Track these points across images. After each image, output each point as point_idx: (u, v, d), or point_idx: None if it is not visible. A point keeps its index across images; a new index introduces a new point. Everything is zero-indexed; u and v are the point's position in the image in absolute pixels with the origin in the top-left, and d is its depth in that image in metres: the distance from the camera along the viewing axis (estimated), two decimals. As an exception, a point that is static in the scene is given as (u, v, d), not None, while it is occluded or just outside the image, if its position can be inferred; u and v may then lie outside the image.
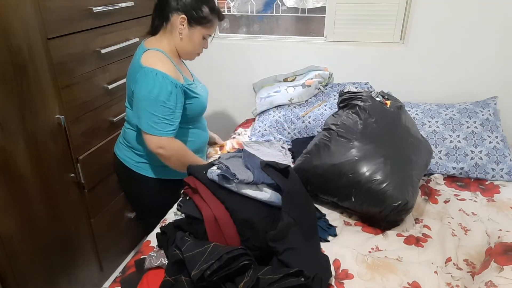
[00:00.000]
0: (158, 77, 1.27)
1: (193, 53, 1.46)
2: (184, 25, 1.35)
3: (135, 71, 1.33)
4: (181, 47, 1.41)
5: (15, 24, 1.28)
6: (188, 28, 1.36)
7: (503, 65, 1.92)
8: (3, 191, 1.33)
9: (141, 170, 1.49)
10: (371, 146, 1.38)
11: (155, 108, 1.28)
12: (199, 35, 1.39)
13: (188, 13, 1.34)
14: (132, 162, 1.49)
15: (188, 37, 1.38)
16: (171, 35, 1.38)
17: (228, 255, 0.94)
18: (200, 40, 1.41)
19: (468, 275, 1.12)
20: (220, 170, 1.12)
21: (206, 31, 1.40)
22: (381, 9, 2.02)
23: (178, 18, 1.34)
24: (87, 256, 1.82)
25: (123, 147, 1.52)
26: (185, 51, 1.43)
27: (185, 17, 1.34)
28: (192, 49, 1.43)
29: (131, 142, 1.48)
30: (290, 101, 2.04)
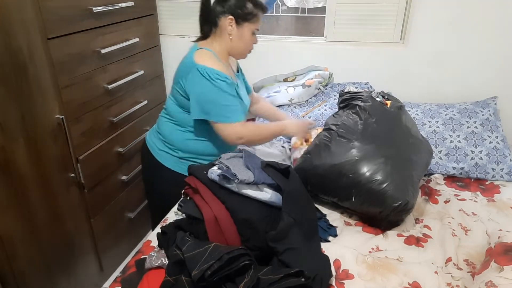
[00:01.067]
0: (214, 72, 1.32)
1: (246, 51, 1.49)
2: (232, 25, 1.39)
3: (188, 69, 1.37)
4: (233, 47, 1.45)
5: (15, 24, 1.28)
6: (237, 28, 1.40)
7: (503, 65, 1.92)
8: (3, 191, 1.33)
9: (160, 158, 1.51)
10: (371, 146, 1.38)
11: (223, 98, 1.34)
12: (248, 32, 1.42)
13: (234, 13, 1.37)
14: (156, 149, 1.53)
15: (238, 36, 1.42)
16: (221, 38, 1.42)
17: (228, 255, 0.94)
18: (250, 36, 1.44)
19: (468, 275, 1.12)
20: (220, 170, 1.12)
21: (254, 25, 1.43)
22: (381, 9, 2.02)
23: (225, 20, 1.38)
24: (87, 256, 1.82)
25: (154, 133, 1.56)
26: (238, 51, 1.47)
27: (232, 17, 1.37)
28: (244, 47, 1.46)
29: (162, 131, 1.52)
30: (290, 101, 2.04)
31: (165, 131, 1.51)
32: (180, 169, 1.50)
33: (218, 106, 1.35)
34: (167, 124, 1.51)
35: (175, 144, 1.49)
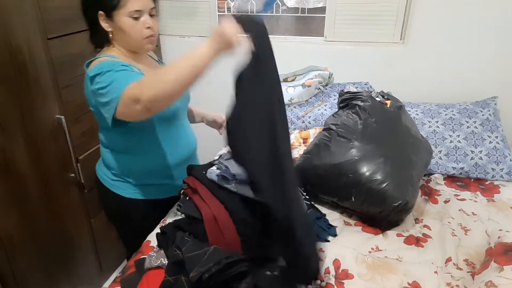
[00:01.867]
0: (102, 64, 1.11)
1: (139, 40, 1.19)
2: (106, 21, 1.17)
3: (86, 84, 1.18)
4: (122, 43, 1.21)
5: (15, 24, 1.29)
6: (111, 21, 1.17)
7: (503, 65, 1.92)
8: (3, 191, 1.33)
9: (116, 189, 1.34)
10: (371, 146, 1.38)
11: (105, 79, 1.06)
12: (123, 19, 1.15)
13: (100, 5, 1.15)
14: (108, 180, 1.35)
15: (117, 29, 1.18)
16: (108, 39, 1.22)
17: (227, 260, 0.94)
18: (129, 23, 1.16)
19: (468, 275, 1.12)
20: (219, 170, 1.12)
21: (126, 9, 1.14)
22: (381, 9, 2.02)
23: (99, 18, 1.17)
24: (87, 256, 1.82)
25: (102, 165, 1.38)
26: (131, 45, 1.21)
27: (102, 12, 1.15)
28: (130, 37, 1.18)
29: (106, 161, 1.34)
30: (290, 101, 2.04)
31: (106, 159, 1.34)
32: (137, 195, 1.34)
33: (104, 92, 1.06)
34: (105, 152, 1.34)
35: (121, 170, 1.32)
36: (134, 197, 1.34)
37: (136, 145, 1.28)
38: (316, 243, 1.09)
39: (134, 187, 1.33)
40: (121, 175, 1.32)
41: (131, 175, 1.32)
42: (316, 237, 1.11)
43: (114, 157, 1.31)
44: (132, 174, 1.32)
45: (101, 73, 1.09)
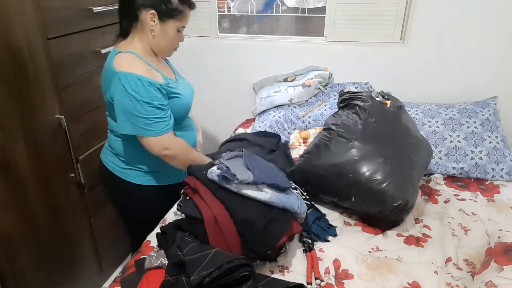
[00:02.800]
0: (134, 79, 1.20)
1: (170, 49, 1.37)
2: (155, 21, 1.26)
3: (109, 77, 1.26)
4: (155, 45, 1.32)
5: (15, 24, 1.28)
6: (160, 24, 1.27)
7: (503, 65, 1.92)
8: (3, 191, 1.33)
9: (126, 177, 1.41)
10: (371, 146, 1.38)
11: (143, 110, 1.22)
12: (172, 29, 1.30)
13: (157, 7, 1.24)
14: (118, 168, 1.41)
15: (161, 33, 1.29)
16: (143, 34, 1.30)
17: (228, 264, 0.94)
18: (174, 34, 1.32)
19: (468, 275, 1.12)
20: (220, 171, 1.12)
21: (179, 23, 1.30)
22: (381, 9, 2.02)
23: (147, 14, 1.25)
24: (87, 256, 1.82)
25: (109, 153, 1.44)
26: (161, 48, 1.35)
27: (155, 12, 1.25)
28: (167, 45, 1.34)
29: (116, 150, 1.40)
30: (290, 101, 2.04)
31: (119, 149, 1.39)
32: (149, 182, 1.42)
33: (138, 119, 1.22)
34: (117, 142, 1.39)
35: (135, 159, 1.39)
36: (146, 184, 1.41)
37: None
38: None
39: (145, 174, 1.41)
40: (132, 163, 1.39)
41: (142, 162, 1.38)
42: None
43: (126, 145, 1.37)
44: (143, 161, 1.38)
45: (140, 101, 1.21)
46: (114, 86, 1.23)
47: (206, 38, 2.36)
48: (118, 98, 1.22)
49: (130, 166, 1.40)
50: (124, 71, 1.21)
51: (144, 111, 1.22)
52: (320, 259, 1.18)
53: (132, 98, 1.20)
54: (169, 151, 1.29)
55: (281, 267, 1.16)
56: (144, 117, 1.22)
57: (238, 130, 2.18)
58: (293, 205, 1.15)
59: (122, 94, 1.21)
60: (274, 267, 1.16)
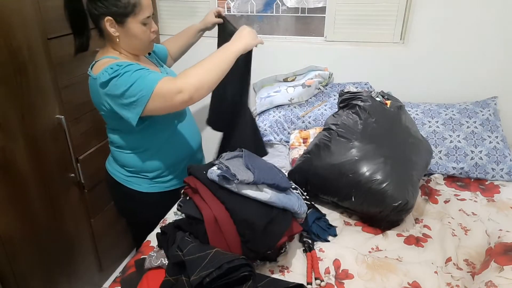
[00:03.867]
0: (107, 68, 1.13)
1: (144, 44, 1.27)
2: (114, 26, 1.19)
3: (95, 89, 1.21)
4: (127, 47, 1.25)
5: (15, 24, 1.29)
6: (120, 27, 1.20)
7: (503, 65, 1.92)
8: (3, 191, 1.33)
9: (132, 185, 1.40)
10: (371, 146, 1.38)
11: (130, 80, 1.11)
12: (135, 26, 1.21)
13: (109, 12, 1.16)
14: (122, 177, 1.40)
15: (126, 34, 1.21)
16: (112, 42, 1.24)
17: (228, 264, 0.94)
18: (140, 29, 1.22)
19: (468, 275, 1.12)
20: (220, 171, 1.12)
21: (140, 16, 1.20)
22: (381, 9, 2.02)
23: (104, 23, 1.18)
24: (87, 256, 1.82)
25: (114, 163, 1.43)
26: (134, 48, 1.26)
27: (110, 18, 1.17)
28: (139, 43, 1.25)
29: (120, 161, 1.39)
30: (290, 101, 2.04)
31: (122, 160, 1.38)
32: (155, 189, 1.42)
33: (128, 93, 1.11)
34: (119, 153, 1.38)
35: (139, 168, 1.37)
36: (151, 191, 1.41)
37: (152, 142, 1.34)
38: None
39: (150, 181, 1.40)
40: (137, 171, 1.38)
41: (147, 171, 1.38)
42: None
43: (130, 156, 1.36)
44: (148, 170, 1.38)
45: (118, 75, 1.12)
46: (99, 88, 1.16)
47: (206, 38, 2.35)
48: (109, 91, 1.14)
49: (134, 174, 1.39)
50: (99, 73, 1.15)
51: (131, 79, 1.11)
52: (320, 259, 1.19)
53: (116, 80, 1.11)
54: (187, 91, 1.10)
55: (281, 267, 1.16)
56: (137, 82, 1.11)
57: (238, 130, 2.18)
58: (293, 205, 1.15)
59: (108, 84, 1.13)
60: (274, 267, 1.16)
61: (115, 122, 1.29)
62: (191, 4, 2.24)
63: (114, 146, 1.39)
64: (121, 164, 1.40)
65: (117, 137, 1.34)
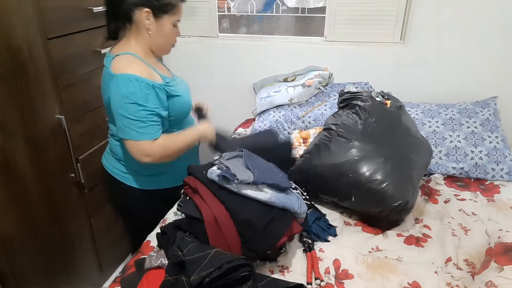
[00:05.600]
0: (131, 80, 1.17)
1: (168, 45, 1.34)
2: (150, 19, 1.23)
3: (107, 81, 1.23)
4: (153, 43, 1.29)
5: (15, 24, 1.28)
6: (155, 21, 1.24)
7: (503, 65, 1.92)
8: (3, 191, 1.33)
9: (128, 181, 1.40)
10: (371, 146, 1.38)
11: (136, 113, 1.18)
12: (168, 25, 1.27)
13: (150, 4, 1.21)
14: (120, 173, 1.40)
15: (158, 30, 1.26)
16: (139, 34, 1.26)
17: (229, 264, 0.93)
18: (171, 29, 1.29)
19: (468, 275, 1.12)
20: (220, 171, 1.12)
21: (174, 17, 1.27)
22: (381, 9, 2.02)
23: (141, 13, 1.21)
24: (87, 256, 1.82)
25: (110, 158, 1.43)
26: (159, 46, 1.32)
27: (149, 10, 1.21)
28: (165, 42, 1.32)
29: (118, 154, 1.39)
30: (290, 101, 2.04)
31: (121, 155, 1.38)
32: (150, 186, 1.41)
33: (127, 120, 1.18)
34: (119, 148, 1.37)
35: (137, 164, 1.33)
36: (147, 188, 1.41)
37: None
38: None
39: (148, 178, 1.40)
40: (134, 167, 1.38)
41: (144, 167, 1.35)
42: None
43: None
44: (146, 166, 1.34)
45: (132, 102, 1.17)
46: (112, 87, 1.20)
47: (206, 38, 2.36)
48: (113, 99, 1.19)
49: (132, 171, 1.39)
50: (122, 73, 1.18)
51: (137, 113, 1.18)
52: (320, 259, 1.19)
53: (126, 100, 1.17)
54: (150, 158, 1.23)
55: (281, 267, 1.16)
56: (137, 119, 1.18)
57: (238, 130, 2.18)
58: (293, 205, 1.15)
59: (117, 95, 1.18)
60: (274, 267, 1.16)
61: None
62: (191, 4, 2.24)
63: (114, 138, 1.38)
64: (118, 158, 1.39)
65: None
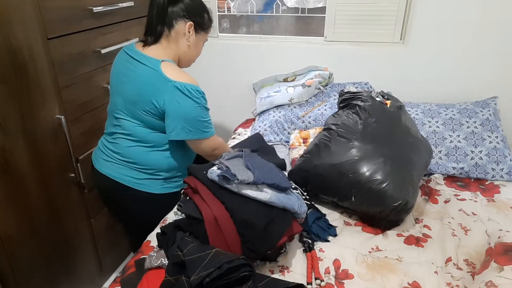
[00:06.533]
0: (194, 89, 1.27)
1: (194, 59, 1.46)
2: (191, 32, 1.34)
3: (160, 86, 1.27)
4: (186, 55, 1.39)
5: (15, 24, 1.28)
6: (195, 35, 1.37)
7: (503, 65, 1.92)
8: (3, 191, 1.33)
9: (145, 188, 1.41)
10: (371, 146, 1.38)
11: (205, 116, 1.32)
12: (202, 41, 1.41)
13: (194, 19, 1.33)
14: (135, 181, 1.41)
15: (195, 44, 1.38)
16: (177, 43, 1.35)
17: (228, 264, 0.94)
18: (201, 45, 1.43)
19: (468, 275, 1.12)
20: (220, 171, 1.12)
21: (206, 35, 1.42)
22: (381, 9, 2.02)
23: (185, 25, 1.32)
24: (87, 256, 1.82)
25: (119, 166, 1.42)
26: (190, 59, 1.43)
27: (193, 23, 1.33)
28: (195, 55, 1.44)
29: (136, 158, 1.39)
30: (290, 101, 2.04)
31: (138, 158, 1.39)
32: (168, 189, 1.45)
33: (200, 123, 1.32)
34: (137, 149, 1.39)
35: (156, 167, 1.40)
36: (166, 192, 1.45)
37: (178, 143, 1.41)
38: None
39: (164, 182, 1.44)
40: (152, 171, 1.41)
41: (162, 170, 1.41)
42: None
43: (152, 153, 1.39)
44: (164, 169, 1.42)
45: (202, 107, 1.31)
46: (174, 96, 1.26)
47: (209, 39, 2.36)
48: (183, 108, 1.27)
49: (149, 176, 1.41)
50: (182, 82, 1.26)
51: (206, 116, 1.32)
52: (320, 259, 1.19)
53: (197, 106, 1.28)
54: (217, 151, 1.39)
55: (281, 267, 1.16)
56: (205, 120, 1.33)
57: (238, 130, 2.18)
58: (293, 205, 1.15)
59: (187, 103, 1.27)
60: (274, 267, 1.16)
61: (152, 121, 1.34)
62: (191, 4, 2.24)
63: (127, 137, 1.39)
64: (134, 162, 1.40)
65: (143, 130, 1.36)
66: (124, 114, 1.38)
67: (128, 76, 1.35)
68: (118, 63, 1.43)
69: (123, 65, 1.39)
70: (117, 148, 1.42)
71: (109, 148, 1.46)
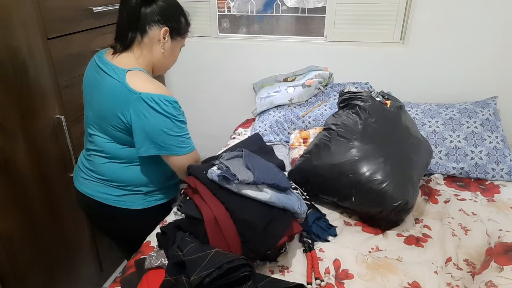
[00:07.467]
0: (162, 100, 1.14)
1: (169, 66, 1.34)
2: (166, 38, 1.22)
3: (125, 99, 1.14)
4: (160, 61, 1.27)
5: (15, 24, 1.29)
6: (171, 41, 1.25)
7: (503, 65, 1.92)
8: (3, 191, 1.33)
9: (124, 204, 1.31)
10: (371, 146, 1.38)
11: (178, 129, 1.18)
12: (178, 47, 1.30)
13: (170, 24, 1.21)
14: (113, 198, 1.30)
15: (170, 50, 1.27)
16: (150, 50, 1.23)
17: (228, 264, 0.93)
18: (177, 52, 1.32)
19: (468, 275, 1.12)
20: (220, 171, 1.12)
21: (183, 41, 1.31)
22: (381, 9, 2.02)
23: (159, 30, 1.20)
24: (87, 256, 1.82)
25: (96, 184, 1.31)
26: (164, 65, 1.31)
27: (168, 29, 1.21)
28: (171, 62, 1.33)
29: (111, 176, 1.28)
30: (290, 101, 2.04)
31: (113, 174, 1.28)
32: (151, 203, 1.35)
33: (172, 138, 1.18)
34: (111, 166, 1.27)
35: (133, 183, 1.29)
36: (146, 206, 1.34)
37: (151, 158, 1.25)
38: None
39: (145, 196, 1.33)
40: (131, 187, 1.30)
41: (142, 185, 1.31)
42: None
43: (128, 168, 1.28)
44: (143, 184, 1.31)
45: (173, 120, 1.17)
46: (139, 108, 1.13)
47: (206, 38, 2.36)
48: (148, 122, 1.14)
49: (127, 192, 1.30)
50: (149, 92, 1.13)
51: (178, 129, 1.18)
52: (320, 259, 1.19)
53: (166, 119, 1.15)
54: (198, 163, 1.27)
55: (281, 267, 1.16)
56: (179, 135, 1.19)
57: (238, 130, 2.18)
58: (293, 205, 1.15)
59: (154, 116, 1.13)
60: (274, 267, 1.16)
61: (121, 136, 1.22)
62: (191, 4, 2.24)
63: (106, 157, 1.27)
64: (110, 180, 1.29)
65: (113, 146, 1.25)
66: (95, 129, 1.27)
67: (96, 89, 1.23)
68: (88, 74, 1.29)
69: (92, 76, 1.26)
70: (92, 166, 1.31)
71: (85, 165, 1.34)
